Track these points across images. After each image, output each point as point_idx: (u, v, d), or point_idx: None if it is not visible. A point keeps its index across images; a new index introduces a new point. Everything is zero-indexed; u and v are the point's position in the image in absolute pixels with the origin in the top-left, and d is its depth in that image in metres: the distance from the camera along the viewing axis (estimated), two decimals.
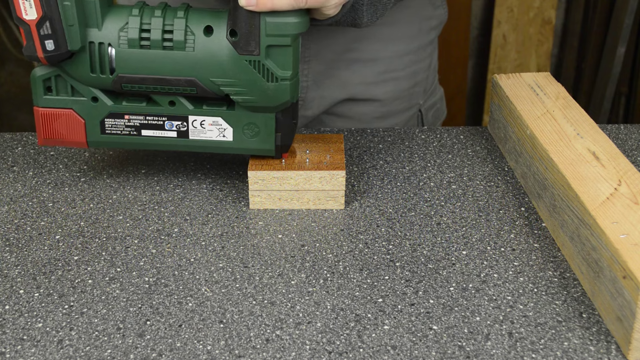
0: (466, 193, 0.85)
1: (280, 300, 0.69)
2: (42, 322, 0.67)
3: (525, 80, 0.95)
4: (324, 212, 0.82)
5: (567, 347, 0.64)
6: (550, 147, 0.80)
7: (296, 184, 0.81)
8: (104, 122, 0.81)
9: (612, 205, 0.70)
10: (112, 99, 0.81)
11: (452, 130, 0.99)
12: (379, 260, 0.75)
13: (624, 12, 2.28)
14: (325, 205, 0.82)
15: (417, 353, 0.64)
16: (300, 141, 0.86)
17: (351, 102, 1.07)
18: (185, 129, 0.81)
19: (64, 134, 0.82)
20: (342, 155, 0.83)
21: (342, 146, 0.85)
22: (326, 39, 1.03)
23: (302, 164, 0.82)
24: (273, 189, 0.81)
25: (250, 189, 0.81)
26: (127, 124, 0.81)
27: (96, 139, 0.82)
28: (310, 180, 0.81)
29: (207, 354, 0.64)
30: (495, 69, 2.49)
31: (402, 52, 1.07)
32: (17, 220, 0.81)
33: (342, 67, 1.05)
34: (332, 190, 0.82)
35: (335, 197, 0.82)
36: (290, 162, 0.82)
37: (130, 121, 0.81)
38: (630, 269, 0.62)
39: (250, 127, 0.81)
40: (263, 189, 0.81)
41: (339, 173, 0.81)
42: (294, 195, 0.82)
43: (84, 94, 0.80)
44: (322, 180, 0.81)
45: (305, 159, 0.83)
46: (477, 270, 0.73)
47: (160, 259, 0.75)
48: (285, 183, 0.81)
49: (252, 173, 0.81)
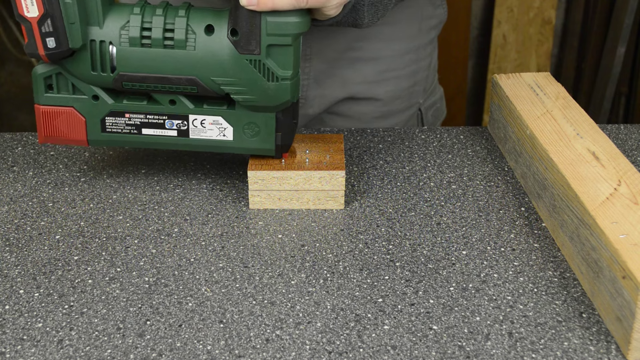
0: (466, 193, 0.86)
1: (280, 300, 0.69)
2: (42, 322, 0.67)
3: (525, 80, 0.95)
4: (324, 212, 0.82)
5: (567, 347, 0.64)
6: (550, 147, 0.80)
7: (296, 184, 0.81)
8: (104, 121, 0.81)
9: (612, 205, 0.70)
10: (113, 97, 0.81)
11: (452, 130, 0.99)
12: (379, 260, 0.75)
13: (624, 12, 2.28)
14: (325, 205, 0.82)
15: (417, 353, 0.64)
16: (300, 141, 0.86)
17: (352, 101, 1.08)
18: (186, 128, 0.81)
19: (64, 132, 0.82)
20: (342, 156, 0.83)
21: (342, 146, 0.85)
22: (327, 38, 1.03)
23: (302, 164, 0.82)
24: (273, 189, 0.81)
25: (250, 188, 0.81)
26: (127, 122, 0.81)
27: (97, 138, 0.82)
28: (310, 180, 0.81)
29: (207, 354, 0.64)
30: (495, 69, 2.49)
31: (402, 51, 1.07)
32: (17, 220, 0.81)
33: (344, 66, 1.05)
34: (332, 190, 0.82)
35: (335, 197, 0.82)
36: (290, 162, 0.82)
37: (130, 120, 0.81)
38: (630, 269, 0.62)
39: (251, 127, 0.81)
40: (263, 188, 0.81)
41: (339, 173, 0.81)
42: (294, 195, 0.82)
43: (85, 92, 0.80)
44: (321, 180, 0.81)
45: (305, 159, 0.83)
46: (477, 270, 0.73)
47: (160, 259, 0.75)
48: (285, 183, 0.81)
49: (252, 173, 0.81)
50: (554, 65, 2.57)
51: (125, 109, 0.81)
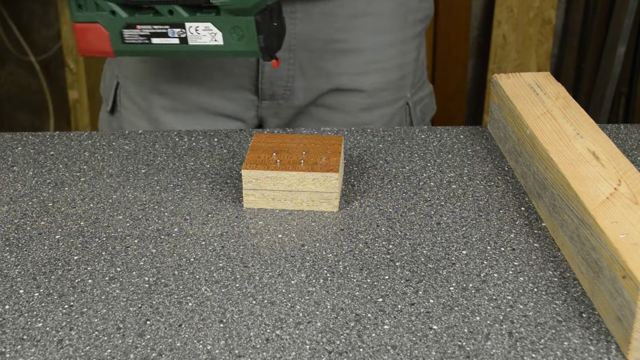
0: (466, 193, 0.86)
1: (280, 300, 0.69)
2: (42, 322, 0.67)
3: (525, 80, 0.95)
4: (324, 212, 0.82)
5: (567, 347, 0.64)
6: (550, 147, 0.80)
7: (289, 185, 0.81)
8: (122, 33, 0.93)
9: (612, 205, 0.70)
10: (127, 11, 0.92)
11: (452, 130, 0.99)
12: (379, 260, 0.75)
13: (624, 12, 2.28)
14: (319, 207, 0.82)
15: (417, 353, 0.64)
16: (299, 141, 0.86)
17: (337, 92, 1.09)
18: (184, 35, 0.92)
19: (95, 44, 0.95)
20: (338, 158, 0.83)
21: (340, 148, 0.85)
22: (311, 29, 1.04)
23: (297, 165, 0.82)
24: (267, 189, 0.82)
25: (244, 187, 0.82)
26: (140, 33, 0.93)
27: (120, 48, 0.94)
28: (304, 181, 0.81)
29: (207, 353, 0.64)
30: (495, 69, 2.49)
31: (387, 43, 1.08)
32: (17, 220, 0.81)
33: (328, 58, 1.06)
34: (326, 192, 0.81)
35: (329, 199, 0.82)
36: (285, 162, 0.82)
37: (142, 31, 0.93)
38: (630, 269, 0.62)
39: (236, 31, 0.89)
40: (257, 188, 0.82)
41: (332, 175, 0.81)
42: (288, 195, 0.82)
43: (105, 8, 0.93)
44: (315, 182, 0.81)
45: (300, 159, 0.83)
46: (477, 270, 0.73)
47: (160, 259, 0.75)
48: (278, 183, 0.81)
49: (246, 172, 0.81)
50: (554, 65, 2.57)
51: (136, 21, 0.92)
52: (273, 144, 0.86)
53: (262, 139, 0.87)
